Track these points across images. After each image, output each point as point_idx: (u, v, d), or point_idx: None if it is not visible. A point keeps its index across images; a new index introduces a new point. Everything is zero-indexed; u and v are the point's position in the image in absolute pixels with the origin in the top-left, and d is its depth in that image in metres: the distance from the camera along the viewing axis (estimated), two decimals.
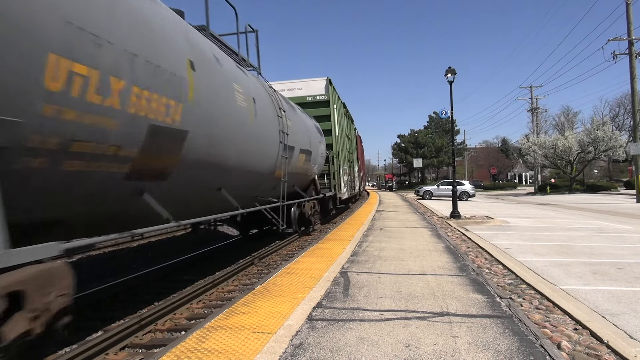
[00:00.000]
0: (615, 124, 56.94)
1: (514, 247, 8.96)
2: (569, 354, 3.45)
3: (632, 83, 25.19)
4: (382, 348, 3.30)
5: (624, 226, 12.59)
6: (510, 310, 4.19)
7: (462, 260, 6.93)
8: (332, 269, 6.23)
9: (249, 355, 3.17)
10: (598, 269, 6.67)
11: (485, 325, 3.77)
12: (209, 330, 3.73)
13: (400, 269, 6.23)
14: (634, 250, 8.33)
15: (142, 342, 4.32)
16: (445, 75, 16.07)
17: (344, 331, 3.68)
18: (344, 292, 4.98)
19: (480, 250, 8.59)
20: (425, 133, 71.56)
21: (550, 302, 4.92)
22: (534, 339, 3.44)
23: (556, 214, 17.91)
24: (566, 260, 7.40)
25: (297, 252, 9.04)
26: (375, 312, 4.19)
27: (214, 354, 3.20)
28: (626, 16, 25.05)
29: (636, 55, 24.86)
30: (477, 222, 14.14)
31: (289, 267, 6.45)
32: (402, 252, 7.70)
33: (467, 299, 4.63)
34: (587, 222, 14.10)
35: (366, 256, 7.33)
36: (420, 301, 4.56)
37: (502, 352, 3.20)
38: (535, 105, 46.76)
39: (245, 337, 3.55)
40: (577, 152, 40.10)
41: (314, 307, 4.36)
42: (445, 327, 3.75)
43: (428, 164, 65.80)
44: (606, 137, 37.85)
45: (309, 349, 3.30)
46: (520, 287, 5.70)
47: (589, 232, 11.18)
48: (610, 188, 43.55)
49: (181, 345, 3.38)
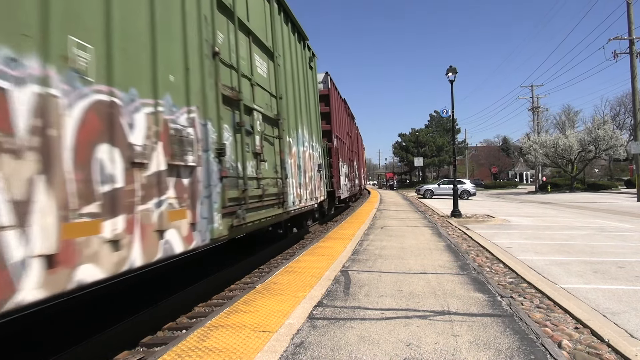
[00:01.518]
0: (616, 123, 56.86)
1: (515, 245, 8.96)
2: (569, 353, 3.44)
3: (632, 82, 25.16)
4: (383, 347, 3.30)
5: (625, 225, 12.58)
6: (511, 309, 4.19)
7: (463, 259, 6.93)
8: (333, 267, 6.23)
9: (250, 354, 3.17)
10: (599, 267, 6.67)
11: (486, 324, 3.77)
12: (210, 328, 3.73)
13: (401, 268, 6.23)
14: (635, 249, 8.32)
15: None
16: (446, 74, 16.05)
17: (345, 330, 3.68)
18: (344, 290, 4.99)
19: (481, 249, 8.59)
20: (426, 132, 71.55)
21: (551, 300, 4.92)
22: (534, 338, 3.44)
23: (557, 212, 17.90)
24: (567, 259, 7.40)
25: (298, 250, 9.04)
26: (376, 311, 4.19)
27: (215, 353, 3.20)
28: (627, 15, 25.02)
29: (637, 55, 24.84)
30: (478, 221, 14.13)
31: (289, 265, 6.45)
32: (403, 251, 7.70)
33: (468, 297, 4.63)
34: (588, 220, 14.09)
35: (367, 255, 7.33)
36: (421, 300, 4.56)
37: (503, 351, 3.20)
38: (536, 104, 46.71)
39: (246, 335, 3.56)
40: (578, 151, 40.08)
41: (315, 306, 4.37)
42: (446, 326, 3.75)
43: (429, 162, 65.78)
44: (607, 136, 37.83)
45: (310, 348, 3.30)
46: (521, 285, 5.70)
47: (590, 231, 11.17)
48: (611, 187, 43.52)
49: (182, 344, 3.38)
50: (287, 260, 7.02)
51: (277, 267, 6.45)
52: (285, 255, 9.03)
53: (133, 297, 5.73)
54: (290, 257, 7.56)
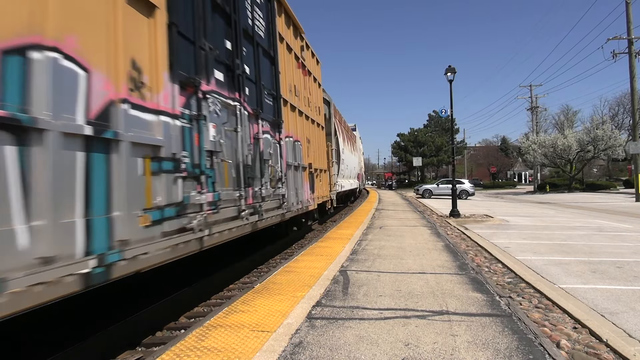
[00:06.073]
0: (614, 123, 56.86)
1: (513, 245, 8.97)
2: (568, 353, 3.45)
3: (631, 82, 25.23)
4: (382, 347, 3.30)
5: (623, 225, 12.60)
6: (509, 309, 4.19)
7: (462, 258, 6.94)
8: (332, 267, 6.23)
9: (249, 354, 3.16)
10: (597, 267, 6.68)
11: (484, 324, 3.77)
12: (209, 328, 3.73)
13: (399, 268, 6.23)
14: (634, 249, 8.34)
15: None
16: (445, 73, 16.06)
17: (344, 330, 3.68)
18: (343, 290, 4.99)
19: (480, 249, 8.60)
20: (425, 132, 71.61)
21: (549, 300, 4.92)
22: (533, 338, 3.44)
23: (555, 212, 17.92)
24: (565, 259, 7.41)
25: (297, 250, 9.04)
26: (374, 311, 4.19)
27: (214, 352, 3.20)
28: (626, 15, 25.07)
29: (636, 55, 24.89)
30: (477, 221, 14.15)
31: (288, 265, 6.45)
32: (402, 251, 7.70)
33: (466, 297, 4.63)
34: (586, 220, 14.11)
35: (366, 255, 7.34)
36: (420, 300, 4.57)
37: (502, 350, 3.20)
38: (534, 104, 46.77)
39: (245, 335, 3.55)
40: (576, 151, 40.15)
41: (314, 306, 4.37)
42: (445, 325, 3.75)
43: (428, 162, 65.83)
44: (605, 136, 37.92)
45: (309, 348, 3.30)
46: (519, 285, 5.71)
47: (588, 231, 11.19)
48: (609, 187, 43.62)
49: (181, 344, 3.38)
50: (285, 260, 7.02)
51: (276, 267, 6.44)
52: (283, 255, 9.03)
53: (132, 298, 5.71)
54: (289, 257, 7.56)
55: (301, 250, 7.84)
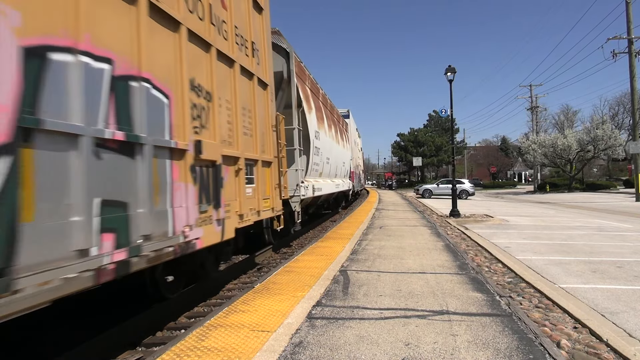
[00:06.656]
0: (614, 123, 56.79)
1: (514, 245, 8.97)
2: (568, 353, 3.45)
3: (631, 82, 25.23)
4: (382, 346, 3.30)
5: (624, 225, 12.60)
6: (509, 309, 4.19)
7: (462, 258, 6.94)
8: (332, 267, 6.23)
9: (249, 354, 3.16)
10: (597, 267, 6.68)
11: (484, 324, 3.77)
12: (209, 328, 3.73)
13: (399, 268, 6.23)
14: (634, 248, 8.34)
15: None
16: (445, 73, 16.06)
17: (344, 329, 3.68)
18: (343, 290, 4.99)
19: (480, 249, 8.60)
20: (425, 132, 71.62)
21: (549, 300, 4.92)
22: (533, 338, 3.44)
23: (556, 212, 17.92)
24: (565, 259, 7.41)
25: (297, 250, 9.04)
26: (374, 311, 4.19)
27: (214, 352, 3.19)
28: (626, 15, 25.08)
29: (636, 54, 24.89)
30: (477, 221, 14.15)
31: (288, 265, 6.45)
32: (402, 251, 7.70)
33: (466, 297, 4.63)
34: (587, 220, 14.11)
35: (366, 254, 7.34)
36: (420, 299, 4.56)
37: (502, 350, 3.20)
38: (534, 104, 46.77)
39: (245, 335, 3.55)
40: (576, 150, 40.15)
41: (314, 306, 4.36)
42: (445, 325, 3.75)
43: (428, 162, 65.85)
44: (606, 135, 37.90)
45: (309, 347, 3.30)
46: (519, 285, 5.71)
47: (589, 231, 11.19)
48: (609, 187, 43.62)
49: (181, 344, 3.37)
50: (286, 260, 7.02)
51: (276, 267, 6.44)
52: (283, 255, 9.03)
53: (132, 297, 5.71)
54: (289, 257, 7.56)
55: (301, 250, 7.84)
